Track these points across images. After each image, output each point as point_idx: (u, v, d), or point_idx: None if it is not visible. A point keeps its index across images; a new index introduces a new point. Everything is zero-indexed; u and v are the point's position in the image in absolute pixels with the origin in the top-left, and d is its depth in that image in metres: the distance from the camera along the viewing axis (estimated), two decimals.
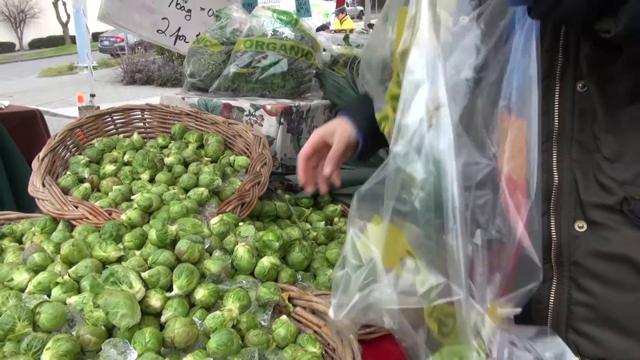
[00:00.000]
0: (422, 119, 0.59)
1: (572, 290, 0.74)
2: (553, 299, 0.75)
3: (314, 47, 2.01)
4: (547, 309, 0.76)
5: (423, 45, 0.61)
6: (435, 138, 0.59)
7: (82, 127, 1.70)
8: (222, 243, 1.18)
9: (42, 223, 1.31)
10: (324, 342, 0.97)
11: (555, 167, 0.73)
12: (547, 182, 0.73)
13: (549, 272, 0.76)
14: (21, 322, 0.87)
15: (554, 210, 0.74)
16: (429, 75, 0.60)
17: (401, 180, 0.61)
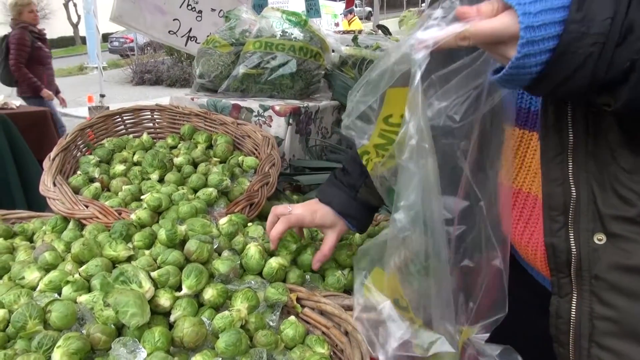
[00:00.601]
0: (415, 202, 0.72)
1: (594, 304, 0.72)
2: (575, 313, 0.73)
3: (323, 48, 2.01)
4: (567, 324, 0.75)
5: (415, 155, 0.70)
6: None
7: (92, 127, 1.72)
8: (231, 243, 1.19)
9: (52, 222, 1.32)
10: (332, 343, 0.97)
11: (571, 180, 0.71)
12: (564, 195, 0.72)
13: (568, 286, 0.74)
14: (32, 320, 0.88)
15: (572, 223, 0.72)
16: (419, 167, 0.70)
17: (400, 244, 0.77)
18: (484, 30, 0.59)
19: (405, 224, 0.73)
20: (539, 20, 0.56)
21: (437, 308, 0.77)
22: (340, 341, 0.94)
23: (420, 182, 0.70)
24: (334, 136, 2.07)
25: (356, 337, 0.90)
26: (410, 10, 4.56)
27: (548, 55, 0.57)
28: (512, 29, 0.58)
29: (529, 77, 0.60)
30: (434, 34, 0.62)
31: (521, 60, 0.58)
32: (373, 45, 2.34)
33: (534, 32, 0.56)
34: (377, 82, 0.71)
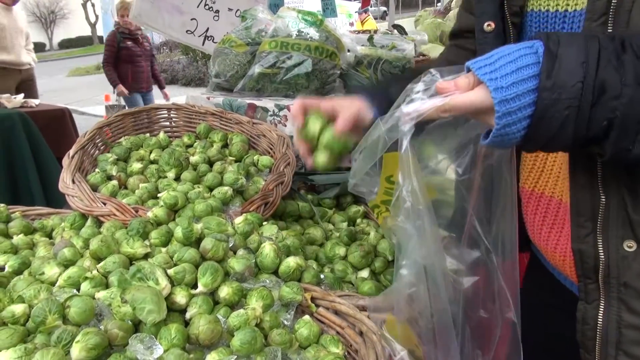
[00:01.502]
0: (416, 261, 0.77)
1: (622, 312, 0.71)
2: (602, 320, 0.73)
3: (339, 47, 2.01)
4: (594, 330, 0.74)
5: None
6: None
7: (110, 126, 1.74)
8: (246, 242, 1.19)
9: (71, 219, 1.34)
10: (347, 344, 0.97)
11: (601, 186, 0.70)
12: (592, 201, 0.71)
13: (595, 293, 0.73)
14: (52, 315, 0.90)
15: (601, 229, 0.71)
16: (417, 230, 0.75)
17: (407, 299, 0.81)
18: (462, 104, 0.63)
19: (410, 280, 0.78)
20: (511, 92, 0.59)
21: None
22: (355, 341, 0.94)
23: (419, 242, 0.75)
24: None
25: (371, 338, 0.90)
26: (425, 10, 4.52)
27: (527, 121, 0.60)
28: (488, 102, 0.61)
29: (514, 141, 0.63)
30: (417, 107, 0.67)
31: (502, 129, 0.61)
32: (389, 45, 2.33)
33: (508, 105, 0.59)
34: (373, 148, 0.76)
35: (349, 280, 1.24)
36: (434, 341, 0.79)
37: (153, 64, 6.16)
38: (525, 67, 0.59)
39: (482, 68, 0.62)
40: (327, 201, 1.65)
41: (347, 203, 1.67)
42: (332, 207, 1.64)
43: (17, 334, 0.87)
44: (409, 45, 2.33)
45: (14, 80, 5.25)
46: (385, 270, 1.27)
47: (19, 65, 5.28)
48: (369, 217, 1.64)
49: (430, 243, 0.75)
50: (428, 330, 0.79)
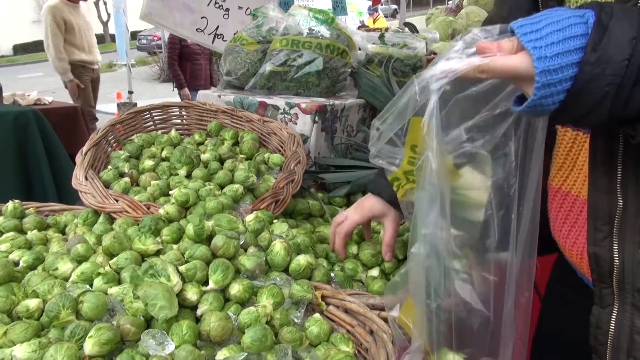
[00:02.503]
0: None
1: (635, 318, 0.70)
2: (614, 325, 0.72)
3: (350, 45, 2.01)
4: (606, 335, 0.73)
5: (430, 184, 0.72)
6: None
7: (122, 123, 1.75)
8: (257, 240, 1.20)
9: (84, 215, 1.36)
10: (357, 342, 0.97)
11: (619, 189, 0.69)
12: (609, 204, 0.69)
13: (610, 297, 0.72)
14: (65, 310, 0.91)
15: (617, 233, 0.69)
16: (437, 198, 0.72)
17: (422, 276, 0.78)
18: (502, 67, 0.61)
19: (424, 254, 0.75)
20: (555, 63, 0.57)
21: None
22: (365, 340, 0.94)
23: (441, 210, 0.72)
24: (359, 134, 2.06)
25: (382, 337, 0.90)
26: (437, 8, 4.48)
27: (564, 94, 0.58)
28: (529, 70, 0.59)
29: (547, 111, 0.61)
30: (454, 65, 0.64)
31: (538, 100, 0.59)
32: (400, 43, 2.32)
33: (550, 76, 0.57)
34: (403, 110, 0.73)
35: (359, 279, 1.24)
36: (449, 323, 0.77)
37: (211, 62, 6.12)
38: (573, 38, 0.57)
39: (528, 34, 0.59)
40: (338, 199, 1.65)
41: None
42: (342, 206, 1.64)
43: (32, 328, 0.88)
44: (420, 43, 2.32)
45: (89, 78, 5.34)
46: (395, 269, 1.26)
47: (94, 64, 5.39)
48: None
49: (446, 212, 0.72)
50: (439, 312, 0.77)
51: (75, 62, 5.14)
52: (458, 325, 0.77)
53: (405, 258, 1.31)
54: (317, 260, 1.22)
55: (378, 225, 1.53)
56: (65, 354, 0.79)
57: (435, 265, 0.74)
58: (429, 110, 0.67)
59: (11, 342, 0.85)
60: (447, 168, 0.72)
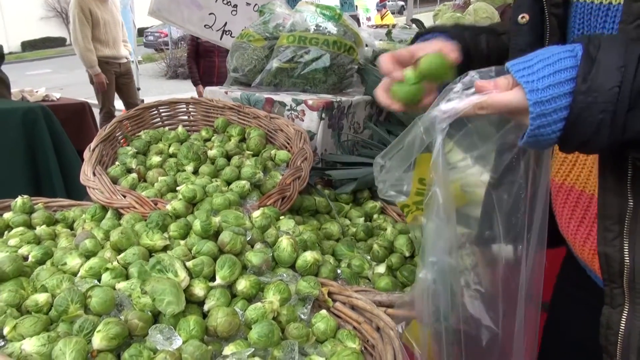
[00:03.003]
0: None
1: None
2: (624, 326, 0.71)
3: (357, 42, 2.00)
4: (617, 335, 0.72)
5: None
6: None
7: (130, 119, 1.76)
8: (264, 236, 1.20)
9: (92, 211, 1.37)
10: (364, 339, 0.97)
11: (630, 190, 0.69)
12: (619, 204, 0.69)
13: (620, 298, 0.72)
14: (74, 305, 0.91)
15: (628, 233, 0.69)
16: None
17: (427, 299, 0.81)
18: (499, 103, 0.64)
19: (431, 280, 0.79)
20: (547, 95, 0.60)
21: None
22: (372, 337, 0.94)
23: (446, 240, 0.76)
24: (365, 131, 2.06)
25: (388, 334, 0.90)
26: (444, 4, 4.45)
27: (562, 124, 0.60)
28: (523, 103, 0.62)
29: (550, 142, 0.63)
30: (455, 105, 0.68)
31: (536, 130, 0.62)
32: (407, 39, 2.31)
33: (543, 106, 0.60)
34: (409, 148, 0.77)
35: (365, 276, 1.24)
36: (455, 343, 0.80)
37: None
38: (563, 70, 0.60)
39: (520, 71, 0.63)
40: (344, 196, 1.65)
41: (364, 198, 1.67)
42: (348, 203, 1.64)
43: (41, 322, 0.89)
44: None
45: (114, 74, 5.25)
46: (401, 266, 1.26)
47: (118, 58, 5.27)
48: (385, 213, 1.63)
49: (454, 245, 0.76)
50: (446, 332, 0.80)
51: (99, 58, 5.04)
52: (468, 345, 0.80)
53: (412, 255, 1.31)
54: (324, 256, 1.22)
55: (384, 222, 1.53)
56: (73, 348, 0.79)
57: (442, 290, 0.78)
58: (436, 149, 0.72)
59: (20, 336, 0.86)
60: (453, 198, 0.76)
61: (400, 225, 1.48)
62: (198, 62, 5.68)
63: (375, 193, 1.70)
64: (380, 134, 1.94)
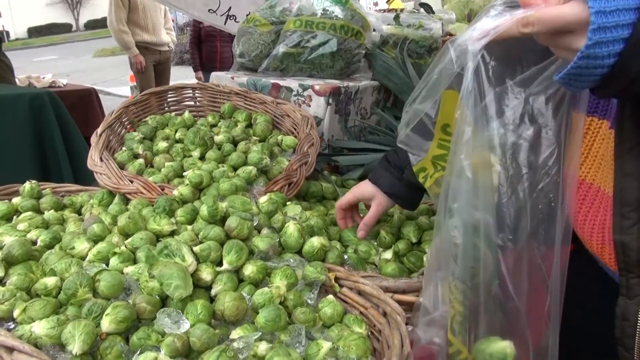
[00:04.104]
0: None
1: None
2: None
3: (364, 26, 1.97)
4: (634, 327, 0.70)
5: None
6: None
7: (136, 105, 1.75)
8: (271, 221, 1.20)
9: (99, 196, 1.37)
10: (370, 324, 0.97)
11: None
12: (638, 190, 0.66)
13: (637, 288, 0.69)
14: (82, 288, 0.92)
15: None
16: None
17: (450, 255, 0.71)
18: (551, 16, 0.55)
19: (456, 229, 0.69)
20: (612, 5, 0.52)
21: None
22: (379, 322, 0.94)
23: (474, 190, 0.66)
24: (373, 117, 2.04)
25: (395, 319, 0.90)
26: None
27: (621, 45, 0.53)
28: (582, 15, 0.54)
29: (599, 71, 0.55)
30: (494, 22, 0.57)
31: (592, 49, 0.53)
32: (415, 24, 2.28)
33: (606, 18, 0.52)
34: (435, 83, 0.65)
35: (372, 262, 1.24)
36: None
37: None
38: None
39: None
40: (351, 182, 1.64)
41: None
42: None
43: (50, 306, 0.89)
44: (436, 24, 2.28)
45: (152, 61, 5.12)
46: (408, 252, 1.26)
47: (159, 45, 5.14)
48: None
49: (483, 200, 0.66)
50: (467, 295, 0.71)
51: (137, 43, 4.90)
52: (498, 311, 0.72)
53: (419, 242, 1.30)
54: (331, 242, 1.22)
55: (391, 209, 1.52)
56: (83, 330, 0.80)
57: (464, 243, 0.68)
58: (467, 79, 0.61)
59: (30, 319, 0.86)
60: (484, 144, 0.66)
61: (408, 211, 1.47)
62: (200, 48, 5.63)
63: None
64: (388, 120, 1.92)
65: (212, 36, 5.54)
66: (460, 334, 0.73)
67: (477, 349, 0.72)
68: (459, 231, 0.68)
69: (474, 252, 0.68)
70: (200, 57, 5.63)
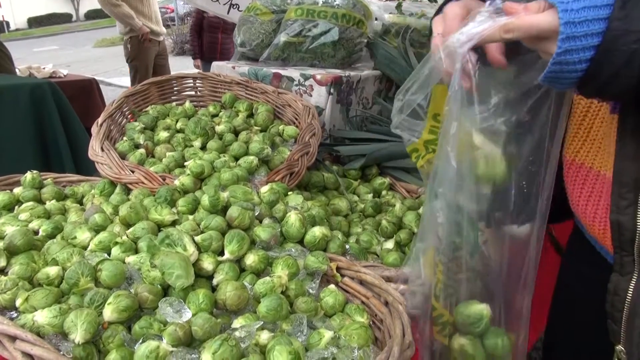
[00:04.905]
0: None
1: None
2: (631, 293, 0.72)
3: (366, 15, 1.96)
4: (623, 302, 0.73)
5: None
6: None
7: (137, 95, 1.75)
8: (272, 211, 1.19)
9: (101, 186, 1.37)
10: (372, 313, 0.97)
11: None
12: (636, 172, 0.68)
13: (630, 266, 0.71)
14: (84, 278, 0.92)
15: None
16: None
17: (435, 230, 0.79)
18: (527, 23, 0.60)
19: (440, 210, 0.76)
20: (581, 16, 0.56)
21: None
22: (380, 311, 0.94)
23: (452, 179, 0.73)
24: (375, 107, 2.03)
25: (397, 308, 0.90)
26: None
27: (592, 52, 0.57)
28: (554, 24, 0.58)
29: (574, 75, 0.59)
30: (478, 28, 0.63)
31: (562, 56, 0.58)
32: (418, 12, 2.26)
33: (574, 28, 0.57)
34: (427, 78, 0.72)
35: (374, 251, 1.24)
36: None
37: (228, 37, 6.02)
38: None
39: None
40: (353, 172, 1.64)
41: (373, 174, 1.66)
42: (357, 179, 1.63)
43: (52, 295, 0.90)
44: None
45: (154, 53, 4.95)
46: (410, 242, 1.26)
47: (158, 35, 4.97)
48: (394, 189, 1.62)
49: (461, 186, 0.73)
50: (449, 267, 0.79)
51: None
52: (477, 279, 0.79)
53: None
54: (332, 232, 1.22)
55: (393, 198, 1.52)
56: (85, 319, 0.80)
57: (447, 223, 0.76)
58: (454, 78, 0.67)
59: (33, 308, 0.87)
60: (469, 134, 0.72)
61: (409, 201, 1.47)
62: (201, 37, 5.58)
63: (384, 169, 1.69)
64: (389, 110, 1.91)
65: (215, 27, 5.48)
66: (443, 300, 0.81)
67: (457, 311, 0.81)
68: (443, 212, 0.76)
69: (457, 229, 0.76)
70: (200, 46, 5.58)
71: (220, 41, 5.58)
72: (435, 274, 0.81)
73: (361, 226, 1.35)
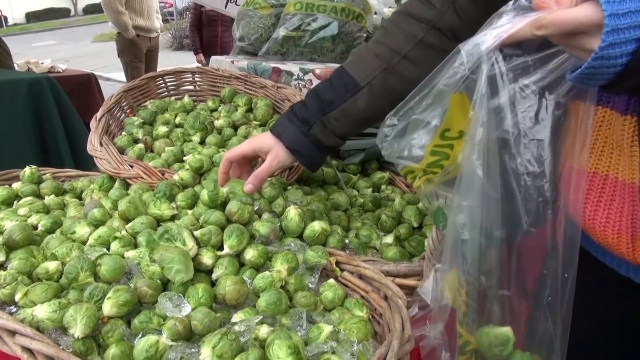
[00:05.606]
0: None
1: None
2: None
3: (365, 9, 1.95)
4: None
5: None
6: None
7: (135, 89, 1.74)
8: (271, 206, 1.19)
9: (100, 181, 1.37)
10: (371, 307, 0.97)
11: None
12: None
13: None
14: (84, 272, 0.92)
15: None
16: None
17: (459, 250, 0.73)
18: (563, 18, 0.56)
19: (464, 226, 0.70)
20: (624, 7, 0.53)
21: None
22: (380, 305, 0.94)
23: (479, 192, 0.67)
24: None
25: (396, 302, 0.90)
26: None
27: (634, 45, 0.54)
28: (595, 16, 0.55)
29: (612, 70, 0.56)
30: (507, 25, 0.58)
31: (605, 50, 0.54)
32: None
33: (619, 20, 0.53)
34: (443, 89, 0.65)
35: (373, 246, 1.24)
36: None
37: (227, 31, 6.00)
38: None
39: None
40: (352, 167, 1.63)
41: (372, 169, 1.65)
42: (356, 173, 1.63)
43: (51, 290, 0.89)
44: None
45: (144, 48, 4.92)
46: (409, 236, 1.26)
47: (150, 31, 4.93)
48: (393, 184, 1.62)
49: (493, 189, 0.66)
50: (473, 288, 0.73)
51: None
52: (498, 301, 0.74)
53: (420, 226, 1.30)
54: (332, 226, 1.22)
55: (393, 193, 1.52)
56: (84, 314, 0.80)
57: (471, 240, 0.70)
58: (480, 81, 0.61)
59: (32, 303, 0.87)
60: (495, 145, 0.66)
61: (409, 196, 1.47)
62: (201, 31, 5.57)
63: (383, 164, 1.68)
64: None
65: (214, 20, 5.47)
66: (468, 325, 0.76)
67: (480, 332, 0.75)
68: (467, 228, 0.69)
69: (479, 248, 0.70)
70: (200, 40, 5.57)
71: (220, 34, 5.57)
72: (461, 297, 0.75)
73: (360, 221, 1.35)
